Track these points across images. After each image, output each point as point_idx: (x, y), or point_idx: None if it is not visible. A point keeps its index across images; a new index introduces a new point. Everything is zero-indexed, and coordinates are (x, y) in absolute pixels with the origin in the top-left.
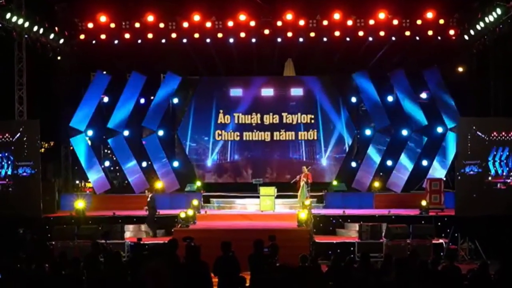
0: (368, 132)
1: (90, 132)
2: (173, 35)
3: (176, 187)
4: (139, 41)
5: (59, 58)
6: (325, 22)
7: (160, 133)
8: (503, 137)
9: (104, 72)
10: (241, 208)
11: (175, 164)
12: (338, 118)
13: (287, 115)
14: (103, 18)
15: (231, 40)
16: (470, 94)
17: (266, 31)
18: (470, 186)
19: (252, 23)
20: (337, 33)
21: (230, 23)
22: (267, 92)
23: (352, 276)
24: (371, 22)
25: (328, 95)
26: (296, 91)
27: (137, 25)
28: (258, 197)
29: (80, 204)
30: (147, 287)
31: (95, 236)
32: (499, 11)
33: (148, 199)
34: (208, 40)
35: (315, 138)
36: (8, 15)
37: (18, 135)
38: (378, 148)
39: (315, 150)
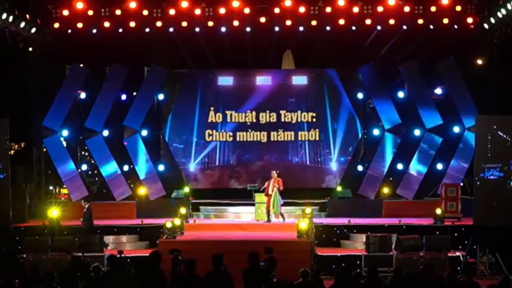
0: (376, 132)
1: (65, 132)
2: (158, 24)
3: (161, 194)
4: (120, 30)
5: (30, 49)
6: (328, 9)
7: (144, 133)
8: None
9: (81, 65)
10: (234, 217)
11: (161, 167)
12: (343, 117)
13: (286, 113)
14: (79, 5)
15: (223, 29)
16: (491, 89)
17: (262, 19)
18: (490, 192)
19: (247, 10)
20: (341, 22)
21: (222, 10)
22: (263, 80)
23: None
24: (380, 9)
25: (332, 91)
26: (299, 80)
27: (118, 12)
28: (254, 204)
29: (54, 212)
30: None
31: (71, 249)
32: None
33: (84, 210)
34: (197, 29)
35: (317, 138)
36: None
37: None
38: (387, 150)
39: (317, 152)
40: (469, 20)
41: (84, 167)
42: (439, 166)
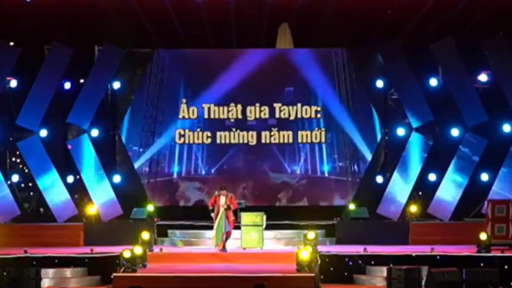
0: (400, 131)
1: None
2: None
3: (117, 213)
4: None
5: None
6: None
7: (94, 133)
8: None
9: (11, 44)
10: (213, 244)
11: (116, 179)
12: (356, 112)
13: (282, 107)
14: None
15: None
16: None
17: None
18: None
19: None
20: None
21: None
22: (252, 64)
23: None
24: None
25: (342, 77)
26: (299, 62)
27: None
28: (240, 227)
29: None
30: None
31: None
32: None
33: None
34: None
35: (323, 140)
36: None
37: None
38: (416, 155)
39: (322, 158)
40: None
41: (15, 178)
42: (484, 177)
